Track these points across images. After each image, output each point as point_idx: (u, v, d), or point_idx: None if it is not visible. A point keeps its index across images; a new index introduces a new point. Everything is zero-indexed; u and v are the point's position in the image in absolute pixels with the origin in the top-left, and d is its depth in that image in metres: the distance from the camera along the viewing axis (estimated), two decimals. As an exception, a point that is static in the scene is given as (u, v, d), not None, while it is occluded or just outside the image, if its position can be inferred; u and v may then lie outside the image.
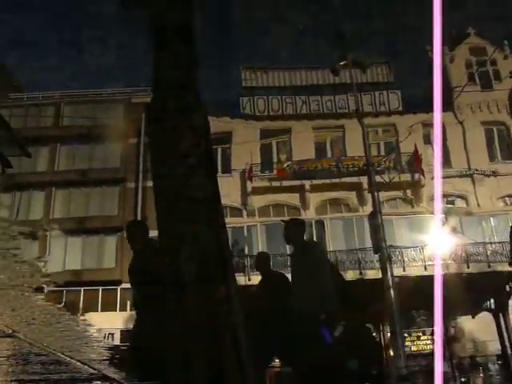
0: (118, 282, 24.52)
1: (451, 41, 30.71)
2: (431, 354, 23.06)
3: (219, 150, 27.50)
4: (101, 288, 24.70)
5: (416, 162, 26.53)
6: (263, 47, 67.25)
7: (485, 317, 24.10)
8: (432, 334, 23.29)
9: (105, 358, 2.58)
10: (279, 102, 29.71)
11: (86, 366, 2.48)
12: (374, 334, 9.77)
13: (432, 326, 22.29)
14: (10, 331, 1.94)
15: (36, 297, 1.81)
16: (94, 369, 2.56)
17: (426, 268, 21.66)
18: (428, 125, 25.91)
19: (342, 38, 18.04)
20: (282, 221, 6.42)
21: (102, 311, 23.46)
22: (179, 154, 3.64)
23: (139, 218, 25.71)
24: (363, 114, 20.00)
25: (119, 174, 27.47)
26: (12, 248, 1.62)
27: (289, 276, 6.10)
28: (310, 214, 26.44)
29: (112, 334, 21.37)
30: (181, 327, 3.32)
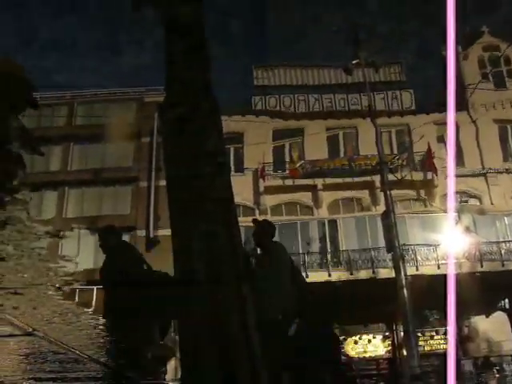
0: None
1: (465, 39, 30.63)
2: (445, 354, 23.01)
3: (232, 149, 27.51)
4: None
5: (429, 161, 26.40)
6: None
7: (499, 316, 23.97)
8: (445, 333, 23.19)
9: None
10: (291, 100, 29.72)
11: (103, 365, 2.49)
12: (337, 335, 9.71)
13: (445, 325, 22.22)
14: (31, 329, 1.97)
15: (58, 296, 1.83)
16: (110, 367, 2.58)
17: (439, 267, 21.59)
18: (441, 124, 25.81)
19: (356, 38, 17.99)
20: (254, 221, 6.50)
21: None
22: (198, 154, 3.65)
23: (152, 217, 25.79)
24: (376, 114, 19.92)
25: (132, 173, 27.54)
26: (37, 247, 1.64)
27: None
28: (322, 213, 26.41)
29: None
30: (191, 327, 3.33)
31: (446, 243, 21.22)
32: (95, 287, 24.06)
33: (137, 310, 4.29)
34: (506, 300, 24.06)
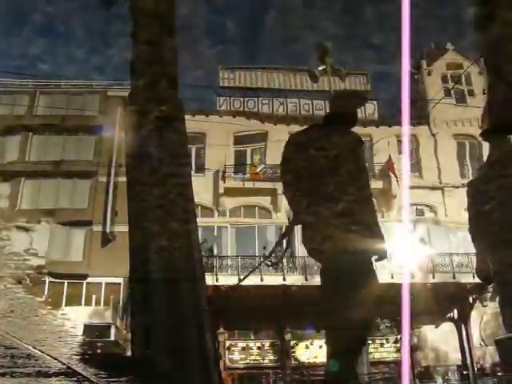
0: (85, 276, 24.31)
1: (430, 56, 31.44)
2: (394, 362, 23.28)
3: (193, 150, 27.39)
4: (66, 281, 24.40)
5: (390, 169, 26.72)
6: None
7: (448, 327, 24.44)
8: (396, 341, 23.54)
9: (76, 353, 2.57)
10: (255, 102, 29.69)
11: (55, 361, 2.46)
12: None
13: (396, 333, 22.59)
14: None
15: (18, 289, 1.80)
16: (64, 364, 2.55)
17: (392, 276, 21.88)
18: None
19: (323, 46, 18.12)
20: None
21: (66, 305, 23.04)
22: (161, 153, 3.63)
23: (109, 212, 25.48)
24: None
25: (91, 167, 27.17)
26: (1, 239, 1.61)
27: None
28: (280, 217, 26.49)
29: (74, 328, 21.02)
30: (145, 323, 3.31)
31: (401, 253, 21.55)
32: (47, 280, 23.84)
33: None
34: (455, 311, 24.55)
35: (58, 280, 24.08)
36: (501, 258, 3.94)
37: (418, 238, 23.26)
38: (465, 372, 23.24)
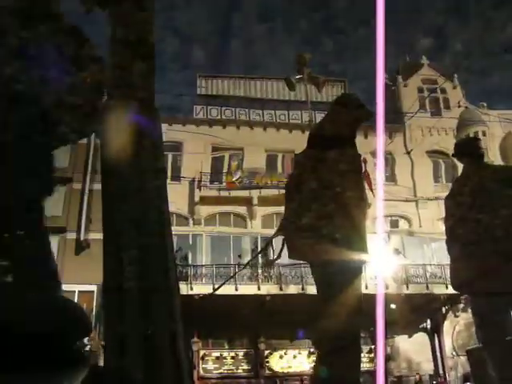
0: (58, 284, 24.05)
1: (406, 68, 31.94)
2: (367, 372, 23.37)
3: (170, 157, 27.30)
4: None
5: (366, 180, 26.92)
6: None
7: (421, 337, 24.64)
8: (369, 351, 23.64)
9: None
10: (232, 112, 29.74)
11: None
12: None
13: (369, 344, 22.68)
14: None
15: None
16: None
17: (367, 287, 22.01)
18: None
19: (302, 57, 18.21)
20: None
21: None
22: (137, 163, 3.62)
23: (84, 219, 25.25)
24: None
25: (66, 174, 26.90)
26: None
27: None
28: (255, 225, 26.53)
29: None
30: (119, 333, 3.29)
31: (375, 263, 21.71)
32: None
33: None
34: (428, 321, 24.76)
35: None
36: (471, 270, 4.02)
37: (392, 249, 23.43)
38: (434, 382, 23.47)
